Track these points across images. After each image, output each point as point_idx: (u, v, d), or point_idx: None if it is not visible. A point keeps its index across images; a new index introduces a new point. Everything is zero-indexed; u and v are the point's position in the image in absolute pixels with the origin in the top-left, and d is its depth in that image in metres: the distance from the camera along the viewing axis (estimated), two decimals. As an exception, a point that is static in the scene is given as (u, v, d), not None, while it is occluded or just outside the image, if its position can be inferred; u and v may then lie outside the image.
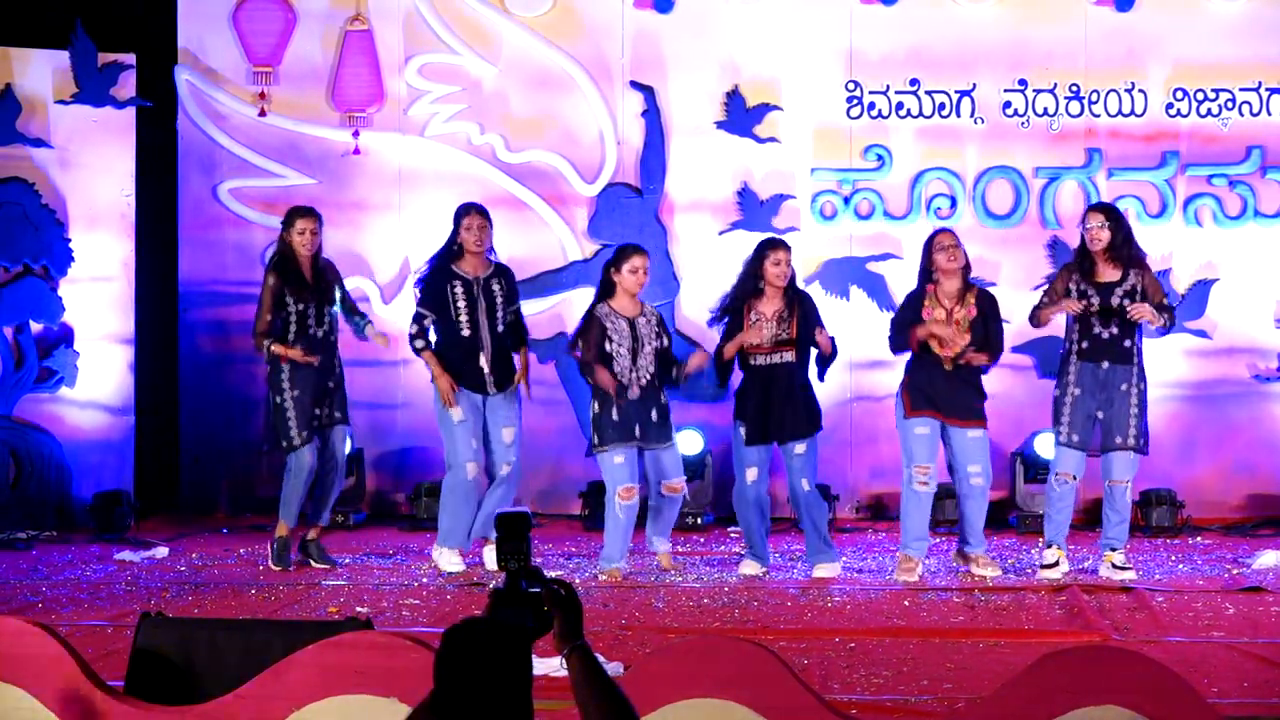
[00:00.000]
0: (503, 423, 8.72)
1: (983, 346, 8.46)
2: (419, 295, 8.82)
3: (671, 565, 8.73)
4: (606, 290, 8.68)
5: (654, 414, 8.62)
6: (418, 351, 8.80)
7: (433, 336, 8.72)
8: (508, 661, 3.23)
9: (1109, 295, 8.46)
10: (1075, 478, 8.54)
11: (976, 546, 8.62)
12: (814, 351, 8.58)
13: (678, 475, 8.72)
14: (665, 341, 8.73)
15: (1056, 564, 8.48)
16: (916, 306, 8.54)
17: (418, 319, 8.74)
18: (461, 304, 8.67)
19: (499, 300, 8.71)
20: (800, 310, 8.60)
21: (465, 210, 8.81)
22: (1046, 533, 8.58)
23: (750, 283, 8.63)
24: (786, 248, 8.70)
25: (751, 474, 8.57)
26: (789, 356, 8.55)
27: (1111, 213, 8.66)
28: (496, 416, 8.72)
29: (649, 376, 8.60)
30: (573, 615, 3.43)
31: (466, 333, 8.67)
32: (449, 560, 8.71)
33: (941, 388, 8.45)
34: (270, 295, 8.67)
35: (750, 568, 8.63)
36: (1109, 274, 8.50)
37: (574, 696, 3.37)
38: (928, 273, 8.57)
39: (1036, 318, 8.68)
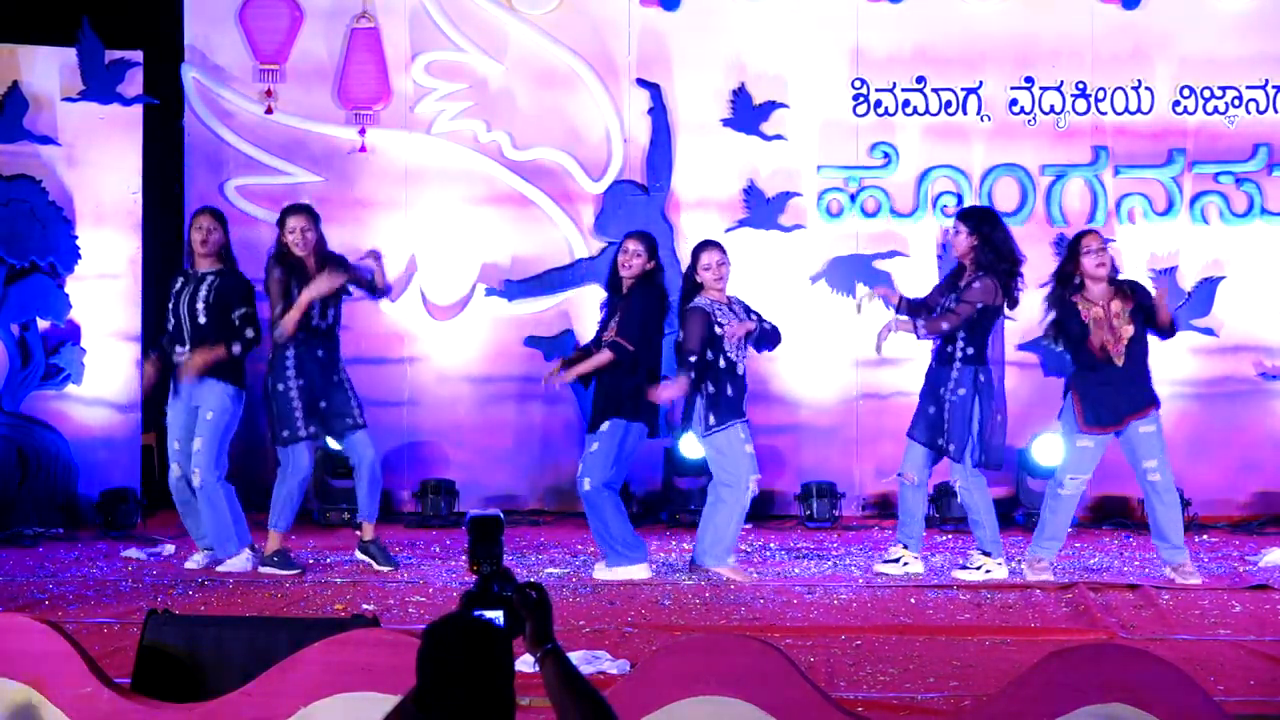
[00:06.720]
0: (197, 430, 8.63)
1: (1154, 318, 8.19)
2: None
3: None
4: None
5: None
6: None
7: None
8: (488, 655, 3.25)
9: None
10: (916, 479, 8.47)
11: (1177, 553, 8.33)
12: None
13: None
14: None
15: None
16: (1074, 312, 8.21)
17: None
18: (173, 294, 8.72)
19: (203, 296, 8.63)
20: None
21: (196, 213, 8.96)
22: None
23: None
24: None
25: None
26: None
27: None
28: (193, 420, 8.68)
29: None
30: (544, 618, 3.43)
31: (171, 322, 8.71)
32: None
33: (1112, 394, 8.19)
34: (278, 286, 8.60)
35: None
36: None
37: (550, 699, 3.37)
38: (1070, 276, 8.27)
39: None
